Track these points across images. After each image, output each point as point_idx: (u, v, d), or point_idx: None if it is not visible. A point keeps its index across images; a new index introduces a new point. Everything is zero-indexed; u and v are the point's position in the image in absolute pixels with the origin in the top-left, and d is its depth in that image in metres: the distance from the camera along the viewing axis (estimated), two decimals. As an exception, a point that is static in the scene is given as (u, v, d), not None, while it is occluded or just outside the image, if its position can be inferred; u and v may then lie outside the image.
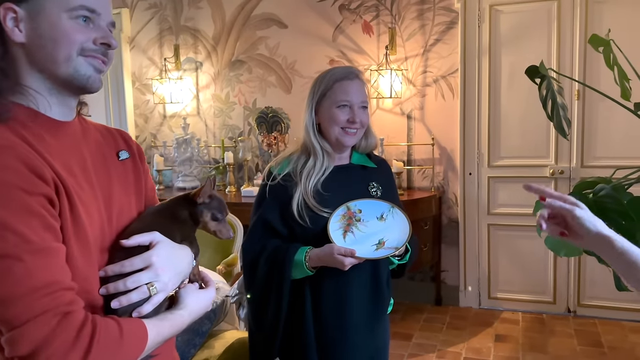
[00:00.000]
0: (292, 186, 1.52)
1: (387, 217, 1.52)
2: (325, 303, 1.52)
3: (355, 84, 1.54)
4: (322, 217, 1.49)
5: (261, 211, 1.54)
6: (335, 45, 3.93)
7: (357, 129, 1.55)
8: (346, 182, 1.58)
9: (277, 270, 1.47)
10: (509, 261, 3.73)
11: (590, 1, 3.32)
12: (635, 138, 3.29)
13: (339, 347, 1.54)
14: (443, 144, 3.77)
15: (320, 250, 1.44)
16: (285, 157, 1.59)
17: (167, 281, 0.87)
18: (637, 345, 3.11)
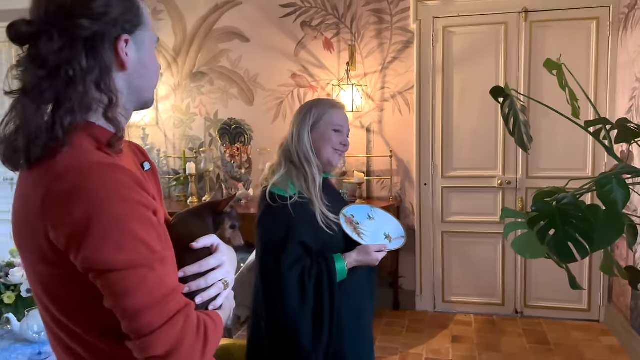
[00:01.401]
0: (308, 203, 1.63)
1: (373, 216, 1.77)
2: (349, 301, 1.66)
3: (344, 113, 1.79)
4: (338, 223, 1.66)
5: (294, 233, 1.58)
6: (297, 60, 4.05)
7: (344, 152, 1.77)
8: (330, 192, 1.79)
9: (325, 284, 1.57)
10: (462, 266, 3.97)
11: (534, 26, 3.64)
12: (574, 151, 3.63)
13: (361, 336, 1.72)
14: (400, 156, 3.97)
15: (356, 252, 1.63)
16: (285, 178, 1.67)
17: (233, 277, 0.96)
18: (579, 341, 3.40)
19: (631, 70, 3.26)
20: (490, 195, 3.87)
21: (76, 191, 0.77)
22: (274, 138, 4.03)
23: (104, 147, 0.86)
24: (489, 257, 3.90)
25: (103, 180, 0.79)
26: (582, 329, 3.59)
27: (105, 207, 0.77)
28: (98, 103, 0.86)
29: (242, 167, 4.09)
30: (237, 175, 4.06)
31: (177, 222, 1.06)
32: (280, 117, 4.12)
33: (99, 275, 0.78)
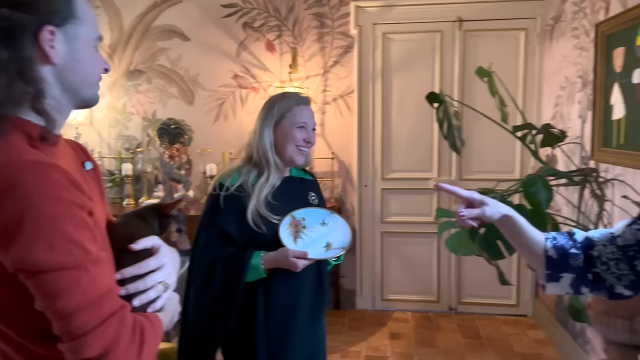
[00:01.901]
0: (245, 197, 1.64)
1: (328, 222, 1.72)
2: (276, 302, 1.66)
3: (310, 109, 1.74)
4: (275, 223, 1.64)
5: (218, 221, 1.63)
6: (239, 61, 4.03)
7: (308, 149, 1.73)
8: (291, 193, 1.74)
9: (233, 275, 1.58)
10: (399, 265, 4.09)
11: (468, 35, 3.81)
12: (503, 155, 3.82)
13: (286, 343, 1.68)
14: (342, 158, 4.03)
15: (276, 253, 1.59)
16: (235, 169, 1.71)
17: (175, 279, 0.95)
18: (509, 335, 3.59)
19: (556, 79, 3.49)
20: (426, 196, 4.01)
21: (8, 189, 0.75)
22: (215, 139, 4.05)
23: (37, 143, 0.83)
24: (425, 256, 4.04)
25: (37, 179, 0.77)
26: (511, 323, 3.79)
27: (39, 206, 0.75)
28: (25, 96, 0.83)
29: (181, 169, 4.02)
30: (176, 177, 3.98)
31: (119, 223, 1.04)
32: (222, 118, 4.09)
33: (31, 276, 0.76)
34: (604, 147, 2.72)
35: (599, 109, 2.74)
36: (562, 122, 3.34)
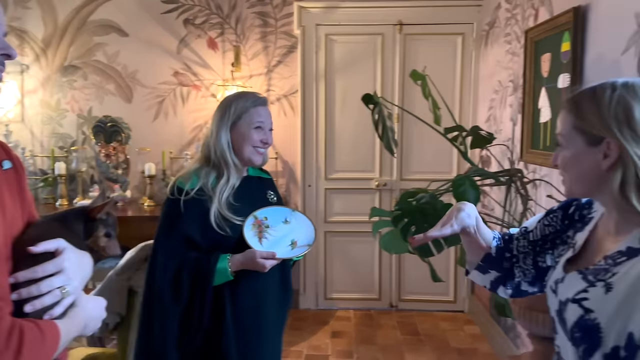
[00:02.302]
0: (206, 200, 1.61)
1: (290, 220, 1.72)
2: (244, 303, 1.65)
3: (267, 109, 1.73)
4: (238, 225, 1.62)
5: (180, 227, 1.60)
6: (179, 58, 3.95)
7: (266, 149, 1.73)
8: (250, 193, 1.73)
9: (200, 281, 1.55)
10: (342, 264, 4.13)
11: (408, 38, 3.89)
12: (441, 156, 3.92)
13: (255, 343, 1.67)
14: (285, 158, 4.03)
15: (243, 256, 1.58)
16: (193, 172, 1.68)
17: (77, 285, 0.91)
18: (446, 331, 3.70)
19: (490, 83, 3.62)
20: (368, 196, 4.06)
21: None
22: (155, 137, 3.95)
23: None
24: (367, 255, 4.10)
25: None
26: (449, 319, 3.90)
27: None
28: None
29: (118, 168, 3.90)
30: (113, 176, 3.86)
31: (31, 225, 1.00)
32: (162, 116, 3.99)
33: None
34: (532, 148, 2.84)
35: (528, 113, 2.86)
36: (496, 125, 3.47)
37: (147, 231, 3.46)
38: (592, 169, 0.95)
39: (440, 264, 3.88)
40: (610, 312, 0.89)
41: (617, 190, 0.92)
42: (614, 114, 0.91)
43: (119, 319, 2.08)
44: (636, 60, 1.93)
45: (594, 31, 2.23)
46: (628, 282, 0.88)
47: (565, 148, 1.00)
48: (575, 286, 0.98)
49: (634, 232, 0.93)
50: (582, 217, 1.14)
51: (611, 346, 0.89)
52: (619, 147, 0.90)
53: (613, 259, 0.94)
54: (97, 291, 2.02)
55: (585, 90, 0.98)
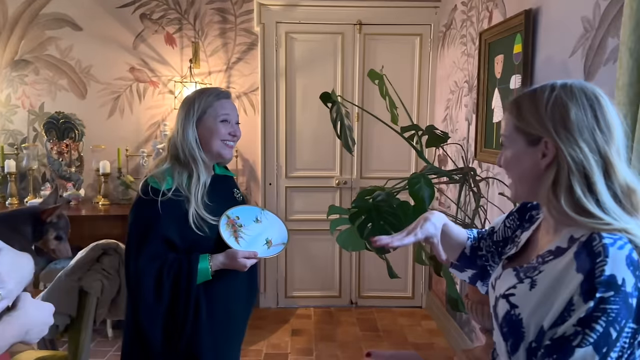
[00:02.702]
0: (183, 200, 1.59)
1: (261, 219, 1.74)
2: (218, 300, 1.64)
3: (231, 102, 1.72)
4: (214, 225, 1.61)
5: (159, 229, 1.56)
6: (136, 54, 3.86)
7: (234, 142, 1.71)
8: (220, 192, 1.72)
9: (183, 282, 1.54)
10: (303, 262, 4.13)
11: (367, 38, 3.92)
12: (399, 154, 3.98)
13: (225, 339, 1.68)
14: (246, 156, 4.00)
15: (224, 255, 1.58)
16: (165, 172, 1.63)
17: (12, 288, 0.87)
18: (405, 326, 3.76)
19: (447, 83, 3.69)
20: (329, 194, 4.08)
21: None
22: (110, 134, 3.86)
23: None
24: (327, 253, 4.11)
25: None
26: (407, 314, 3.96)
27: None
28: None
29: (72, 166, 3.79)
30: (66, 174, 3.75)
31: None
32: (117, 113, 3.90)
33: None
34: (485, 147, 2.92)
35: (482, 113, 2.94)
36: (452, 124, 3.54)
37: (101, 231, 3.40)
38: (532, 169, 0.97)
39: (399, 260, 3.95)
40: (530, 308, 0.92)
41: (549, 190, 0.94)
42: (550, 114, 0.93)
43: (69, 321, 2.02)
44: (583, 62, 2.01)
45: (544, 34, 2.31)
46: (548, 279, 0.91)
47: (508, 148, 1.02)
48: (507, 282, 1.01)
49: (564, 232, 0.95)
50: (531, 217, 1.17)
51: (530, 340, 0.91)
52: (555, 147, 0.92)
53: (543, 257, 0.96)
54: (47, 292, 1.96)
55: (527, 92, 1.00)
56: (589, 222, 0.89)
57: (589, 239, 0.88)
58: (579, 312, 0.83)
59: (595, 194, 0.90)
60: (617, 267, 0.84)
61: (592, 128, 0.91)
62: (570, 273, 0.87)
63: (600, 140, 0.91)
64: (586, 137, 0.90)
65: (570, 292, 0.85)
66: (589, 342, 0.82)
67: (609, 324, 0.82)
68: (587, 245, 0.87)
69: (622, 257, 0.85)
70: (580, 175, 0.90)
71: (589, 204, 0.89)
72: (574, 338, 0.83)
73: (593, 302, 0.82)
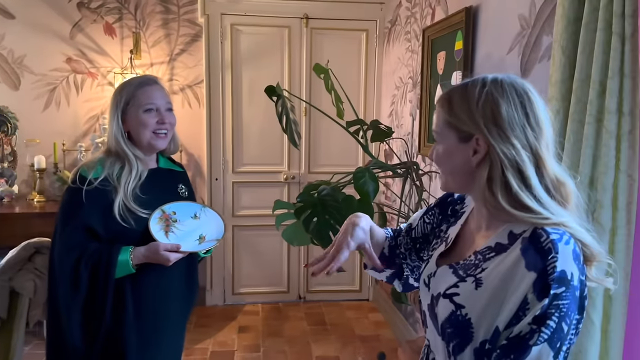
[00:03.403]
0: (110, 191, 1.55)
1: (200, 215, 1.67)
2: (147, 297, 1.59)
3: (156, 88, 1.64)
4: (144, 218, 1.56)
5: (81, 216, 1.52)
6: (73, 44, 3.69)
7: (168, 131, 1.64)
8: (160, 185, 1.67)
9: (101, 273, 1.48)
10: (251, 258, 4.09)
11: (314, 32, 3.91)
12: (347, 149, 4.00)
13: (156, 337, 1.61)
14: (191, 150, 3.91)
15: (146, 248, 1.51)
16: (97, 161, 1.60)
17: None
18: (352, 319, 3.79)
19: (392, 79, 3.74)
20: (277, 189, 4.05)
21: None
22: (45, 128, 3.68)
23: None
24: (275, 248, 4.09)
25: None
26: (354, 308, 4.00)
27: None
28: None
29: (4, 161, 3.58)
30: (-4, 170, 3.54)
31: None
32: (53, 105, 3.71)
33: None
34: (429, 142, 2.98)
35: (425, 108, 2.99)
36: (397, 119, 3.59)
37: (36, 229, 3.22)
38: (463, 165, 0.95)
39: (346, 255, 3.97)
40: (480, 308, 0.90)
41: (484, 187, 0.92)
42: (482, 111, 0.91)
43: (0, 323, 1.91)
44: (519, 59, 2.08)
45: (484, 31, 2.37)
46: (496, 277, 0.89)
47: (439, 143, 0.99)
48: (446, 281, 0.98)
49: (501, 228, 0.94)
50: (455, 211, 1.16)
51: (480, 340, 0.90)
52: (487, 144, 0.91)
53: (483, 254, 0.95)
54: (-28, 295, 1.84)
55: (458, 86, 0.99)
56: (527, 216, 0.88)
57: (534, 234, 0.88)
58: (534, 311, 0.83)
59: (530, 189, 0.89)
60: (567, 263, 0.84)
61: (522, 124, 0.90)
62: (520, 271, 0.86)
63: (530, 136, 0.90)
64: (517, 133, 0.90)
65: (524, 291, 0.84)
66: (543, 339, 0.82)
67: (561, 319, 0.83)
68: (534, 242, 0.87)
69: (569, 251, 0.85)
70: (514, 170, 0.89)
71: (527, 199, 0.89)
72: (530, 336, 0.83)
73: (547, 300, 0.82)
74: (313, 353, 3.25)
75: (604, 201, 1.43)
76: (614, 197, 1.44)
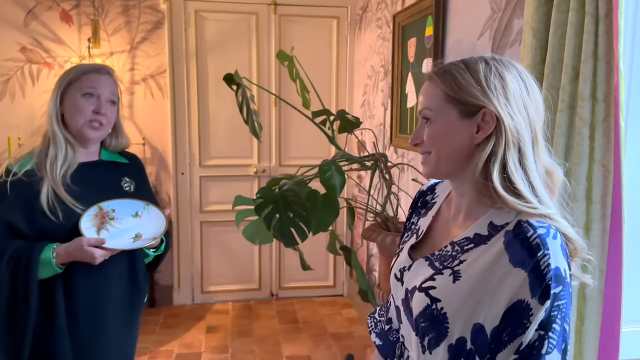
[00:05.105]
0: (37, 181, 1.42)
1: (142, 214, 1.54)
2: (80, 300, 1.46)
3: (105, 78, 1.52)
4: (75, 212, 1.43)
5: (1, 212, 1.39)
6: (27, 32, 3.48)
7: (103, 124, 1.50)
8: (97, 178, 1.53)
9: (22, 272, 1.36)
10: (220, 255, 3.95)
11: (283, 19, 3.76)
12: (319, 141, 3.86)
13: (95, 344, 1.49)
14: (154, 144, 3.74)
15: (69, 244, 1.37)
16: (26, 154, 1.48)
17: None
18: (325, 316, 3.69)
19: (364, 68, 3.62)
20: (246, 183, 3.92)
21: None
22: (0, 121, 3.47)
23: None
24: (246, 245, 3.89)
25: None
26: (328, 304, 3.90)
27: None
28: None
29: (-48, 156, 3.37)
30: (-58, 166, 3.33)
31: None
32: (8, 97, 3.51)
33: None
34: (400, 133, 2.87)
35: (396, 98, 2.88)
36: (369, 110, 3.48)
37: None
38: (464, 143, 0.89)
39: (319, 250, 3.86)
40: (457, 302, 0.86)
41: (481, 165, 0.87)
42: (493, 84, 0.86)
43: None
44: (490, 44, 1.97)
45: (454, 15, 2.26)
46: (476, 271, 0.85)
47: (435, 122, 0.91)
48: (421, 273, 0.94)
49: (481, 218, 0.89)
50: (425, 203, 1.11)
51: (456, 337, 0.86)
52: (496, 117, 0.85)
53: (460, 245, 0.90)
54: None
55: (453, 63, 0.92)
56: (516, 202, 0.83)
57: (518, 228, 0.83)
58: (538, 316, 0.80)
59: (525, 170, 0.85)
60: (558, 259, 0.80)
61: (525, 100, 0.87)
62: (503, 266, 0.82)
63: (532, 112, 0.87)
64: (521, 108, 0.86)
65: (512, 290, 0.81)
66: (553, 346, 0.80)
67: (562, 320, 0.81)
68: (520, 236, 0.82)
69: (558, 246, 0.82)
70: (515, 149, 0.85)
71: (520, 182, 0.84)
72: (540, 345, 0.80)
73: (549, 301, 0.79)
74: (283, 352, 3.14)
75: (577, 193, 1.34)
76: (588, 189, 1.35)
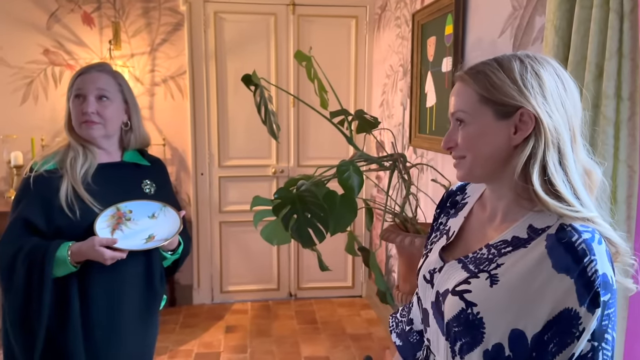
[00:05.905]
0: (57, 178, 1.46)
1: (158, 215, 1.55)
2: (95, 300, 1.47)
3: (92, 75, 1.53)
4: (93, 211, 1.45)
5: (20, 208, 1.43)
6: (50, 35, 3.54)
7: (95, 121, 1.51)
8: (118, 180, 1.55)
9: (37, 270, 1.37)
10: (239, 255, 3.96)
11: (301, 19, 3.76)
12: (338, 141, 3.85)
13: (108, 344, 1.49)
14: (174, 144, 3.77)
15: (83, 242, 1.39)
16: (51, 153, 1.53)
17: None
18: (343, 317, 3.67)
19: (383, 67, 3.59)
20: (265, 183, 3.92)
21: None
22: (23, 123, 3.53)
23: None
24: (265, 245, 3.88)
25: None
26: (346, 305, 3.88)
27: None
28: None
29: (-22, 157, 3.45)
30: (-31, 167, 3.41)
31: None
32: (31, 99, 3.58)
33: None
34: (419, 133, 2.84)
35: (416, 97, 2.86)
36: (388, 109, 3.45)
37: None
38: (501, 146, 0.86)
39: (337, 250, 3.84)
40: (495, 307, 0.83)
41: (520, 167, 0.84)
42: (529, 82, 0.83)
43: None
44: (512, 42, 1.94)
45: (474, 13, 2.23)
46: (515, 275, 0.82)
47: (469, 124, 0.88)
48: (454, 276, 0.91)
49: (520, 221, 0.86)
50: (455, 203, 1.08)
51: (493, 343, 0.83)
52: (534, 117, 0.82)
53: (497, 248, 0.87)
54: None
55: (486, 63, 0.89)
56: (558, 206, 0.80)
57: (561, 231, 0.80)
58: (589, 325, 0.77)
59: (566, 171, 0.83)
60: (605, 265, 0.78)
61: (563, 98, 0.84)
62: (545, 271, 0.79)
63: (570, 111, 0.85)
64: (559, 106, 0.84)
65: (556, 296, 0.77)
66: (608, 357, 0.78)
67: (612, 329, 0.79)
68: (564, 240, 0.79)
69: (604, 252, 0.79)
70: (554, 149, 0.82)
71: (561, 184, 0.81)
72: (594, 356, 0.78)
73: (600, 310, 0.77)
74: (302, 353, 3.14)
75: (602, 195, 1.30)
76: (613, 189, 1.32)
